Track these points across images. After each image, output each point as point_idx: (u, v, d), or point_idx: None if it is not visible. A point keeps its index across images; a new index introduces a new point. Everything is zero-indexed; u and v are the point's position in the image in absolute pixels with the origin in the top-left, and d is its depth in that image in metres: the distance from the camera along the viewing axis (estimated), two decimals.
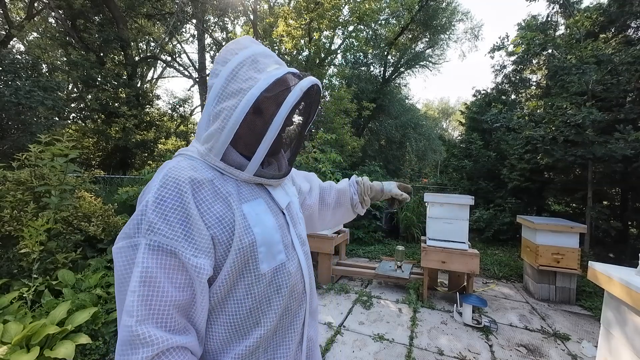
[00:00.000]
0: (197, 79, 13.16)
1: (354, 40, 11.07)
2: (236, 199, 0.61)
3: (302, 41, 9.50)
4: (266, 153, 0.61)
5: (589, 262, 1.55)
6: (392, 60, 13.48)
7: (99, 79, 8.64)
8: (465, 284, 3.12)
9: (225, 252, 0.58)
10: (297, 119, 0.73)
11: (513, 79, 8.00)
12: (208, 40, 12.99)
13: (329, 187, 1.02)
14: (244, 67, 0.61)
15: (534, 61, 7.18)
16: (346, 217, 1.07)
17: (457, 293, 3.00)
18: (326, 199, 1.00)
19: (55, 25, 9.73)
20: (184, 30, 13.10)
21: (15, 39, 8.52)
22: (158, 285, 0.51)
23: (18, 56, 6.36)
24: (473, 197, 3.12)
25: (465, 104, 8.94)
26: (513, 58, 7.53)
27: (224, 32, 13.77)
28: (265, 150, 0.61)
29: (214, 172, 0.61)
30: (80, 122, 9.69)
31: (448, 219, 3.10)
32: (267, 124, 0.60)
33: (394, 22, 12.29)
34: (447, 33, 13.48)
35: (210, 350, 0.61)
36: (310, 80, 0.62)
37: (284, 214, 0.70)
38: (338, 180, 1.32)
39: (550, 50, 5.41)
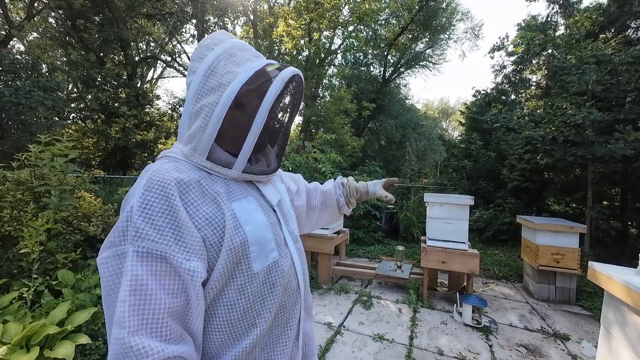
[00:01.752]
0: None
1: (354, 40, 11.07)
2: (225, 198, 0.59)
3: (302, 41, 9.50)
4: (253, 148, 0.60)
5: (589, 262, 1.55)
6: (392, 61, 13.49)
7: (99, 79, 8.64)
8: (465, 284, 3.12)
9: (217, 253, 0.55)
10: (281, 111, 0.72)
11: (513, 79, 8.00)
12: None
13: (315, 189, 1.00)
14: (222, 61, 0.59)
15: (534, 61, 7.18)
16: (332, 219, 1.06)
17: (457, 293, 3.00)
18: (313, 201, 0.98)
19: (55, 25, 9.73)
20: (183, 30, 13.10)
21: (15, 39, 8.52)
22: (150, 292, 0.48)
23: (18, 56, 6.36)
24: (473, 197, 3.12)
25: (465, 104, 8.94)
26: (513, 58, 7.54)
27: None
28: (251, 145, 0.59)
29: (200, 172, 0.59)
30: (80, 122, 9.69)
31: (448, 219, 3.10)
32: (252, 117, 0.58)
33: (394, 22, 12.30)
34: (447, 33, 13.49)
35: (207, 354, 0.59)
36: (291, 70, 0.61)
37: (275, 211, 0.69)
38: None
39: (550, 51, 5.41)
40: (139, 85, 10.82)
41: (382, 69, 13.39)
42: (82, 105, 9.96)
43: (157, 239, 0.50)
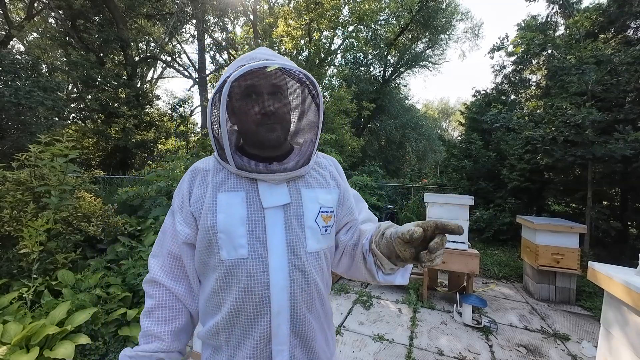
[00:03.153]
0: (197, 79, 13.17)
1: (353, 40, 11.07)
2: (215, 187, 0.69)
3: (302, 41, 9.50)
4: (229, 145, 0.65)
5: (589, 262, 1.55)
6: (392, 61, 13.50)
7: (99, 79, 8.64)
8: (465, 284, 3.12)
9: (199, 227, 0.68)
10: (272, 105, 0.67)
11: (513, 79, 8.00)
12: (208, 41, 12.99)
13: (363, 232, 0.77)
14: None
15: (534, 61, 7.19)
16: (356, 272, 0.75)
17: (457, 293, 3.00)
18: (349, 241, 0.78)
19: (55, 25, 9.73)
20: (183, 30, 13.11)
21: (15, 39, 8.51)
22: (165, 235, 0.74)
23: (18, 56, 6.35)
24: (473, 197, 3.12)
25: (465, 104, 8.94)
26: (513, 58, 7.54)
27: (224, 33, 13.78)
28: (227, 142, 0.65)
29: (216, 165, 0.73)
30: (80, 122, 9.69)
31: (448, 219, 3.09)
32: (221, 118, 0.65)
33: (394, 22, 12.31)
34: (447, 33, 13.50)
35: (200, 315, 0.73)
36: (241, 70, 0.62)
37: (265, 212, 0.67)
38: None
39: (549, 51, 5.42)
40: (138, 85, 10.81)
41: (382, 69, 13.40)
42: (82, 105, 9.95)
43: (174, 204, 0.74)
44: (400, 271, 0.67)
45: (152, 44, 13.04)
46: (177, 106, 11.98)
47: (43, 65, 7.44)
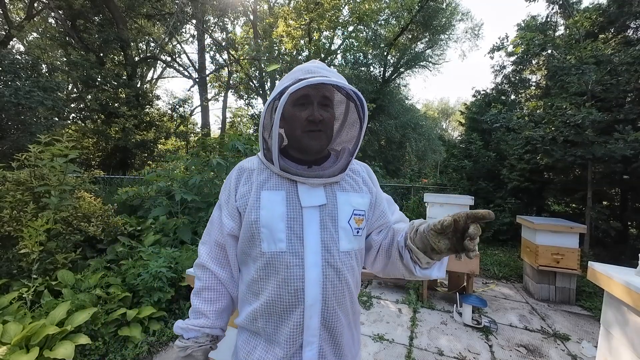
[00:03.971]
0: (197, 79, 13.17)
1: (353, 40, 11.08)
2: (259, 186, 0.75)
3: (302, 41, 9.51)
4: (276, 148, 0.72)
5: (589, 262, 1.55)
6: (392, 61, 13.50)
7: (99, 79, 8.64)
8: (465, 284, 3.12)
9: (243, 221, 0.75)
10: (320, 114, 0.73)
11: (513, 79, 8.00)
12: (208, 41, 12.99)
13: (397, 231, 0.80)
14: (275, 88, 0.77)
15: (534, 61, 7.19)
16: (394, 269, 0.78)
17: (457, 293, 2.99)
18: (384, 241, 0.81)
19: (55, 25, 9.73)
20: (183, 30, 13.11)
21: (15, 39, 8.51)
22: (213, 226, 0.82)
23: (18, 56, 6.36)
24: (473, 197, 3.12)
25: (465, 104, 8.94)
26: (513, 58, 7.54)
27: (224, 33, 13.78)
28: (275, 146, 0.72)
29: (260, 165, 0.80)
30: (80, 122, 9.69)
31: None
32: (274, 124, 0.71)
33: (394, 22, 12.31)
34: (447, 33, 13.50)
35: (240, 301, 0.80)
36: (300, 84, 0.67)
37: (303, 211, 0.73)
38: None
39: (549, 51, 5.42)
40: (138, 85, 10.81)
41: (382, 69, 13.40)
42: (82, 105, 9.95)
43: (221, 199, 0.82)
44: (436, 265, 0.71)
45: (152, 44, 13.04)
46: (177, 106, 11.99)
47: (43, 65, 7.44)
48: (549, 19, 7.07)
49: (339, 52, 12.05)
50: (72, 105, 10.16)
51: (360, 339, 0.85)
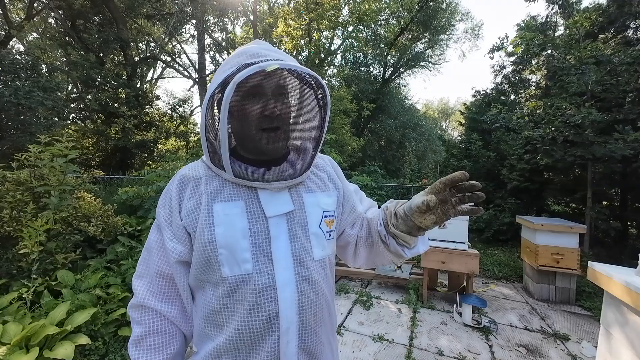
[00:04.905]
0: (197, 79, 13.16)
1: (353, 40, 11.08)
2: (210, 197, 0.62)
3: (302, 41, 9.51)
4: (227, 151, 0.59)
5: (589, 262, 1.55)
6: (391, 61, 13.51)
7: (99, 80, 8.63)
8: (465, 284, 3.12)
9: (194, 242, 0.62)
10: (277, 107, 0.61)
11: (512, 79, 8.02)
12: (208, 41, 13.00)
13: (372, 220, 0.79)
14: (217, 72, 0.63)
15: (534, 62, 7.20)
16: (380, 258, 0.77)
17: (457, 293, 3.00)
18: (360, 231, 0.79)
19: (54, 25, 9.72)
20: (183, 30, 13.10)
21: (15, 39, 8.51)
22: (152, 252, 0.65)
23: (18, 56, 6.35)
24: None
25: (465, 104, 8.94)
26: (512, 58, 7.55)
27: (224, 33, 13.78)
28: (224, 148, 0.58)
29: (208, 171, 0.66)
30: (79, 122, 9.68)
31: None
32: (221, 122, 0.57)
33: (394, 22, 12.31)
34: (447, 33, 13.51)
35: (196, 336, 0.67)
36: (249, 70, 0.54)
37: (268, 222, 0.62)
38: None
39: (549, 51, 5.42)
40: (138, 85, 10.81)
41: (382, 69, 13.41)
42: (81, 105, 9.94)
43: (160, 217, 0.66)
44: (420, 239, 0.70)
45: (152, 44, 13.03)
46: (177, 106, 11.99)
47: (43, 66, 7.43)
48: (548, 19, 7.08)
49: (339, 52, 12.05)
50: (72, 105, 10.15)
51: (337, 346, 0.78)
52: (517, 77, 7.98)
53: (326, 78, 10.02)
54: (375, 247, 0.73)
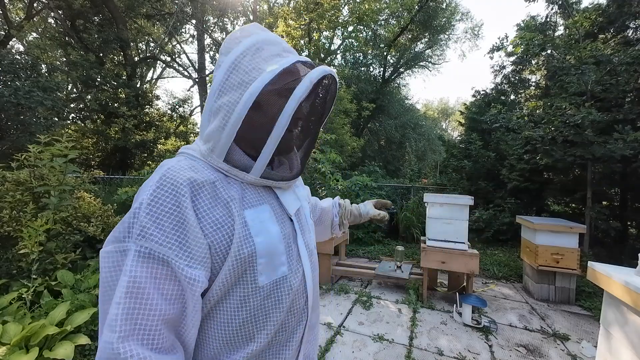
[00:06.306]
0: (197, 79, 13.16)
1: (353, 40, 11.09)
2: (238, 204, 0.54)
3: (302, 41, 9.51)
4: (273, 153, 0.55)
5: (589, 262, 1.55)
6: (391, 61, 13.52)
7: (99, 79, 8.64)
8: (464, 284, 3.12)
9: (222, 260, 0.52)
10: (310, 113, 0.64)
11: (512, 79, 8.02)
12: (207, 41, 13.01)
13: (315, 204, 0.97)
14: (247, 56, 0.54)
15: (533, 62, 7.20)
16: (321, 237, 1.00)
17: (457, 293, 3.00)
18: (314, 215, 0.97)
19: (54, 25, 9.72)
20: (183, 30, 13.11)
21: (14, 39, 8.51)
22: (146, 297, 0.46)
23: (17, 56, 6.35)
24: (472, 197, 3.12)
25: (465, 104, 8.94)
26: (512, 58, 7.56)
27: (224, 33, 13.79)
28: (271, 150, 0.54)
29: (217, 173, 0.55)
30: (79, 122, 9.69)
31: (447, 219, 3.10)
32: (274, 120, 0.52)
33: (394, 22, 12.32)
34: (447, 33, 13.52)
35: (215, 352, 0.56)
36: (321, 70, 0.54)
37: (291, 220, 0.64)
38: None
39: (549, 51, 5.42)
40: (138, 85, 10.81)
41: (382, 69, 13.42)
42: (81, 105, 9.94)
43: (161, 241, 0.47)
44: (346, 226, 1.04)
45: (152, 44, 13.03)
46: (177, 106, 11.99)
47: (42, 66, 7.43)
48: (548, 19, 7.09)
49: (338, 52, 12.06)
50: (72, 105, 10.15)
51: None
52: (517, 77, 7.98)
53: None
54: (324, 228, 0.99)
